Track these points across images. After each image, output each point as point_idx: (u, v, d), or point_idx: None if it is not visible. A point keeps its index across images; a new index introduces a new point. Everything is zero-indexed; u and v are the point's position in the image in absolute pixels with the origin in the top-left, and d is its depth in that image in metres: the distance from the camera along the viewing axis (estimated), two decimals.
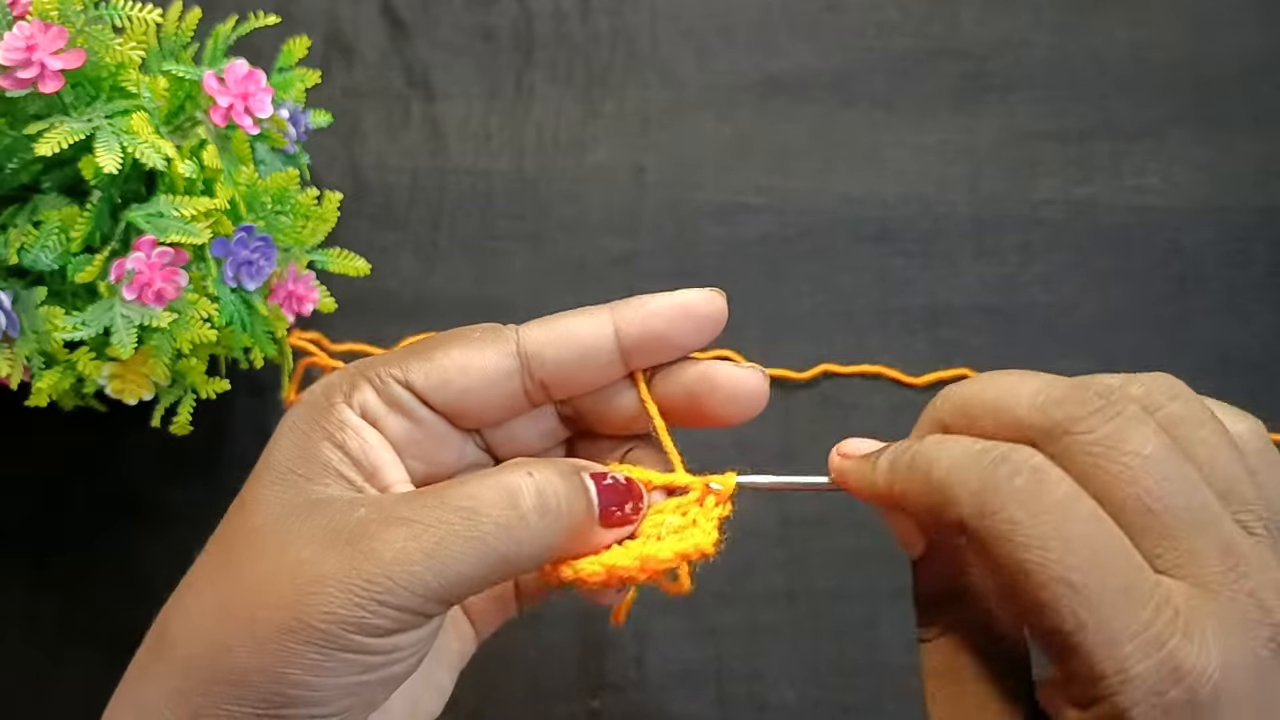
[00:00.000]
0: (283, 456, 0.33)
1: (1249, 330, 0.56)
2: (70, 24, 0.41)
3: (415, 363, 0.35)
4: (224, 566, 0.33)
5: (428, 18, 0.61)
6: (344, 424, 0.34)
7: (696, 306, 0.35)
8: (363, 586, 0.30)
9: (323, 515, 0.32)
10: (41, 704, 0.52)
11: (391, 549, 0.30)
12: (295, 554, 0.31)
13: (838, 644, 0.52)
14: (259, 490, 0.33)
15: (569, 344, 0.35)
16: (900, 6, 0.61)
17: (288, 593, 0.30)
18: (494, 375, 0.35)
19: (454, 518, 0.31)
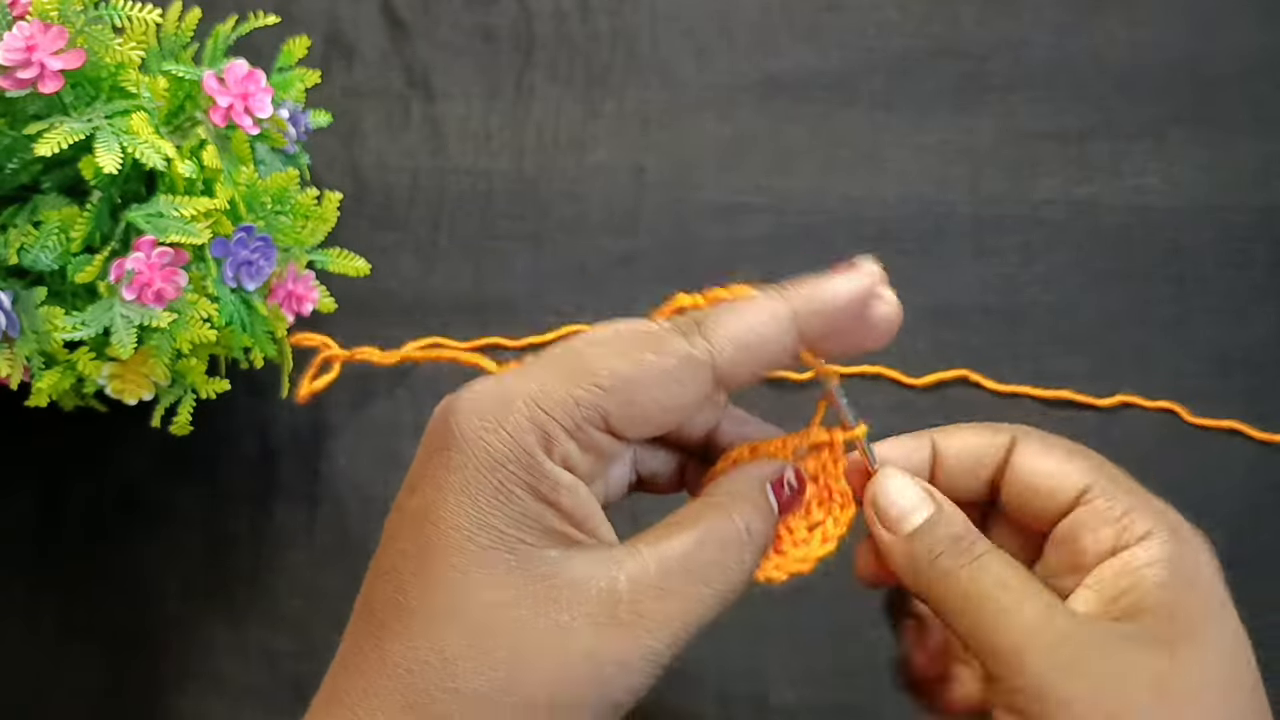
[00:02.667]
0: (500, 523, 0.31)
1: (1249, 330, 0.56)
2: (70, 24, 0.41)
3: (615, 405, 0.32)
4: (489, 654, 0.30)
5: (428, 18, 0.61)
6: (556, 484, 0.31)
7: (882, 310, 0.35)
8: (651, 662, 0.31)
9: (584, 592, 0.31)
10: (41, 704, 0.52)
11: (673, 623, 0.31)
12: (579, 640, 0.30)
13: (838, 644, 0.52)
14: (485, 561, 0.31)
15: (761, 359, 0.34)
16: (900, 6, 0.61)
17: (588, 679, 0.30)
18: (692, 409, 0.33)
19: (703, 587, 0.32)
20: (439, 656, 0.30)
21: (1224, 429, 0.55)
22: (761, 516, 0.34)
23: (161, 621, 0.53)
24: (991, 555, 0.34)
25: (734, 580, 0.33)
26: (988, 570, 0.33)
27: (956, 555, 0.34)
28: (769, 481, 0.35)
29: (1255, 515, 0.54)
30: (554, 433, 0.31)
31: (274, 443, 0.55)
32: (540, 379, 0.32)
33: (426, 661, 0.30)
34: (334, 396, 0.56)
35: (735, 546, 0.33)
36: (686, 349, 0.32)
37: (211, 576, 0.53)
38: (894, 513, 0.35)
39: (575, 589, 0.31)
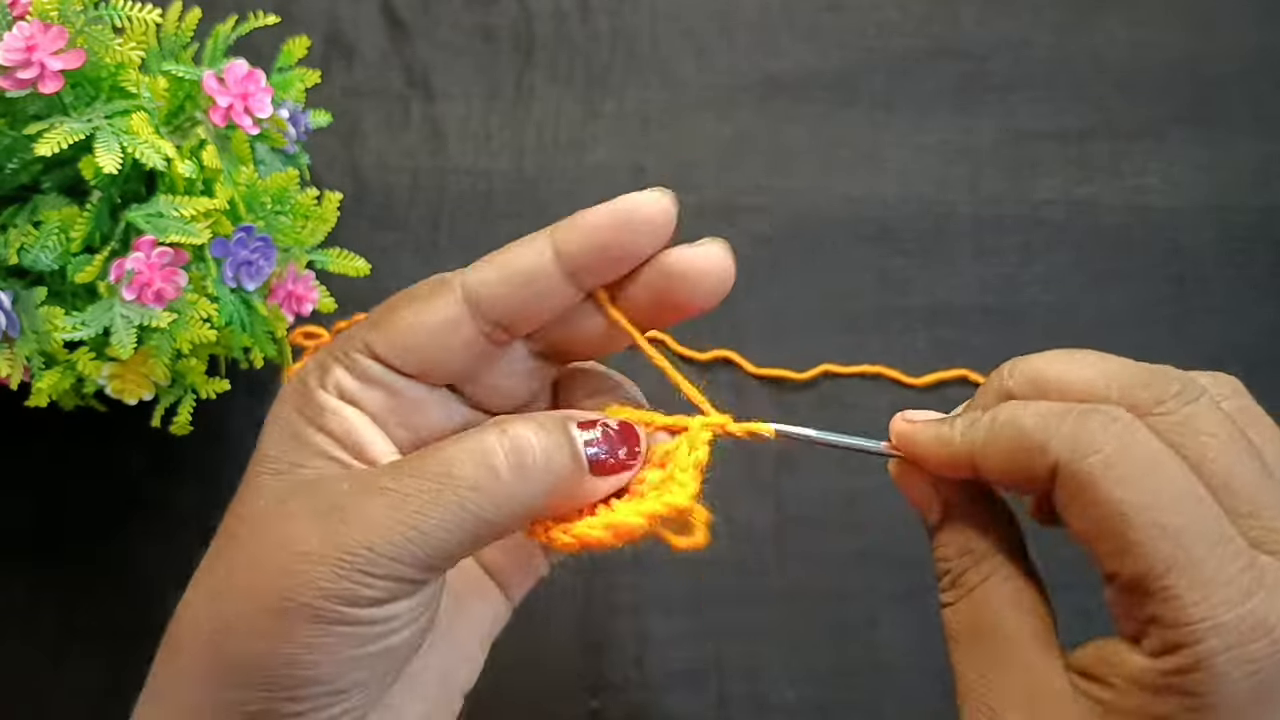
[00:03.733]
0: (270, 446, 0.34)
1: (1249, 330, 0.56)
2: (70, 24, 0.41)
3: (374, 333, 0.34)
4: (219, 557, 0.34)
5: (428, 18, 0.61)
6: (323, 407, 0.34)
7: (639, 209, 0.33)
8: (345, 558, 0.30)
9: (311, 494, 0.32)
10: (41, 704, 0.52)
11: (370, 519, 0.30)
12: (284, 532, 0.31)
13: (838, 644, 0.52)
14: (251, 480, 0.34)
15: (511, 277, 0.33)
16: (900, 6, 0.61)
17: (277, 572, 0.31)
18: (446, 325, 0.34)
19: (429, 483, 0.31)
20: (220, 556, 0.34)
21: None
22: (541, 433, 0.32)
23: (161, 621, 0.53)
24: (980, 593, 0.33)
25: (478, 492, 0.31)
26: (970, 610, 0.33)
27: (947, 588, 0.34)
28: (576, 421, 0.33)
29: None
30: (327, 364, 0.34)
31: None
32: (346, 333, 0.35)
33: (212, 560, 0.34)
34: None
35: (480, 452, 0.31)
36: (443, 274, 0.34)
37: None
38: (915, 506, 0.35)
39: (304, 492, 0.32)
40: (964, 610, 0.33)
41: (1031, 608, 0.33)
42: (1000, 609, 0.32)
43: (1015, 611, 0.32)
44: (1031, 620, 0.32)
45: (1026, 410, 0.31)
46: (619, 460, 0.33)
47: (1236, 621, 0.28)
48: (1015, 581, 0.33)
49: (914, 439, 0.34)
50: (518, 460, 0.31)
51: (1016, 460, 0.31)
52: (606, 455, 0.33)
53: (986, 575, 0.33)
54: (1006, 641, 0.32)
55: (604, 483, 0.33)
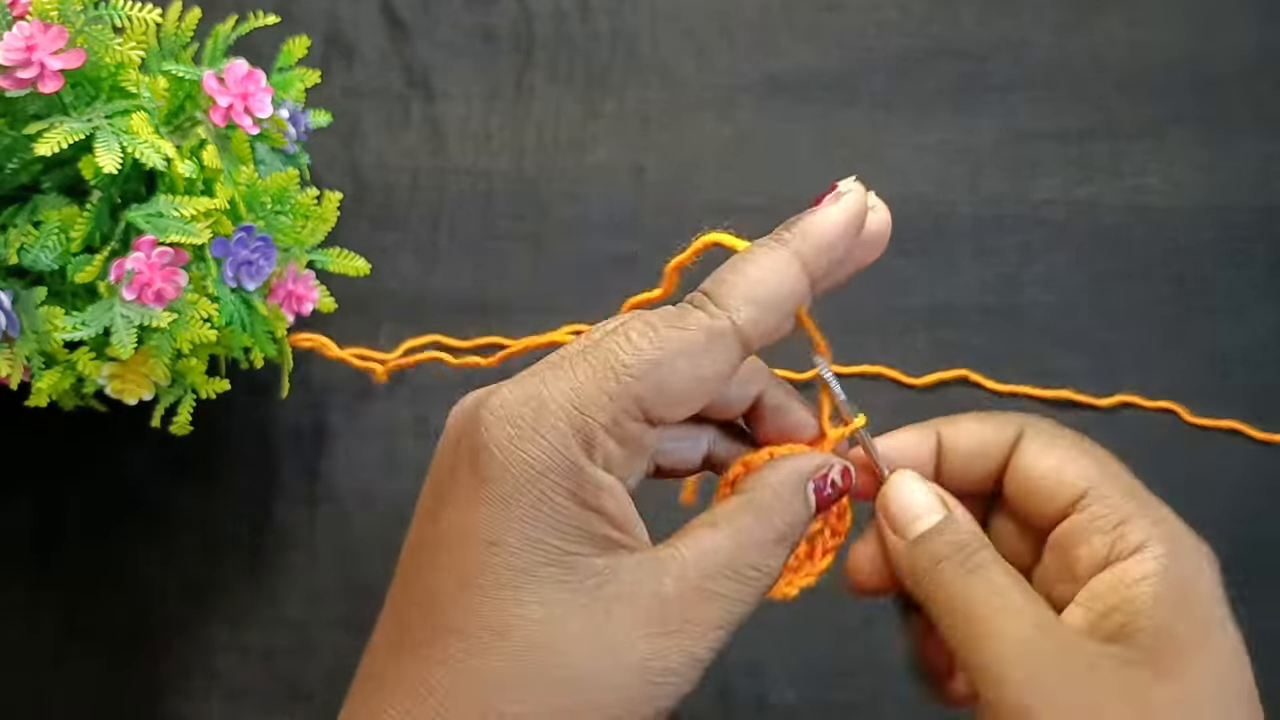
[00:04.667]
0: (546, 535, 0.30)
1: (1249, 330, 0.56)
2: (70, 24, 0.41)
3: (645, 390, 0.30)
4: (545, 671, 0.30)
5: (428, 18, 0.61)
6: (599, 487, 0.30)
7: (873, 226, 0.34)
8: (696, 667, 0.31)
9: (632, 600, 0.30)
10: (41, 704, 0.52)
11: (714, 627, 0.31)
12: (634, 650, 0.30)
13: (838, 644, 0.52)
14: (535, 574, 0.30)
15: (778, 310, 0.32)
16: (900, 6, 0.61)
17: (642, 688, 0.30)
18: (724, 380, 0.32)
19: (747, 589, 0.32)
20: (490, 680, 0.29)
21: (1224, 429, 0.55)
22: (800, 516, 0.34)
23: (161, 621, 0.53)
24: (990, 566, 0.33)
25: (769, 581, 0.32)
26: (983, 581, 0.33)
27: (956, 564, 0.34)
28: (811, 479, 0.34)
29: (1255, 516, 0.54)
30: (594, 433, 0.30)
31: (274, 443, 0.55)
32: (570, 378, 0.30)
33: (477, 685, 0.29)
34: (333, 397, 0.56)
35: (772, 548, 0.32)
36: (706, 320, 0.31)
37: (211, 576, 0.53)
38: (903, 517, 0.35)
39: (624, 599, 0.30)
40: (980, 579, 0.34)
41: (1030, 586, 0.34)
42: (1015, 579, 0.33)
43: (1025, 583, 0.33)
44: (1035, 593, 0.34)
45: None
46: (832, 502, 0.35)
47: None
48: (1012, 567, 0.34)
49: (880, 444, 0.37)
50: (788, 539, 0.33)
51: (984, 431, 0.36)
52: (824, 503, 0.35)
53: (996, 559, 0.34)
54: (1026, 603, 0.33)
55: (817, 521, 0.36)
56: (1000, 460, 0.36)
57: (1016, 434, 0.35)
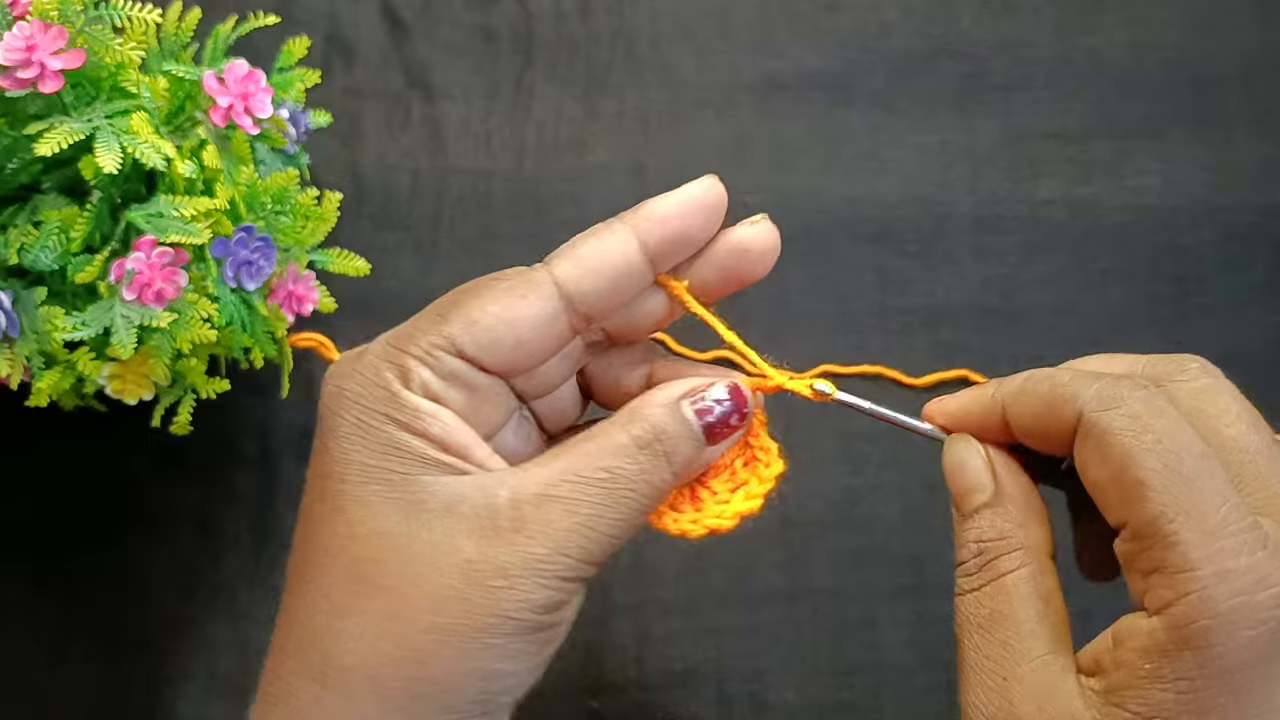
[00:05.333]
0: (362, 455, 0.32)
1: (1249, 330, 0.56)
2: (70, 24, 0.41)
3: (458, 328, 0.33)
4: (367, 583, 0.31)
5: (428, 18, 0.61)
6: (417, 410, 0.32)
7: (706, 198, 0.35)
8: (545, 567, 0.31)
9: (459, 509, 0.31)
10: (41, 704, 0.52)
11: (557, 527, 0.31)
12: (458, 555, 0.31)
13: (838, 644, 0.52)
14: (356, 495, 0.32)
15: (605, 271, 0.34)
16: (900, 6, 0.61)
17: (472, 592, 0.30)
18: (543, 321, 0.34)
19: (596, 489, 0.32)
20: (324, 599, 0.31)
21: None
22: (669, 429, 0.33)
23: (161, 621, 0.53)
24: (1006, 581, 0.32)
25: (632, 488, 0.32)
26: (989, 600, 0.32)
27: (971, 571, 0.33)
28: (685, 398, 0.34)
29: None
30: (407, 364, 0.32)
31: (274, 443, 0.55)
32: (394, 329, 0.34)
33: (315, 606, 0.31)
34: None
35: (628, 451, 0.33)
36: (526, 271, 0.34)
37: (211, 576, 0.53)
38: (957, 488, 0.35)
39: (448, 508, 0.31)
40: (987, 596, 0.33)
41: (1056, 609, 0.33)
42: (1026, 600, 0.32)
43: (1040, 606, 0.32)
44: (1054, 620, 0.32)
45: (1062, 370, 0.33)
46: (730, 426, 0.35)
47: (1240, 571, 0.28)
48: (1044, 579, 0.33)
49: (945, 407, 0.36)
50: (656, 449, 0.33)
51: (1044, 411, 0.33)
52: (718, 423, 0.34)
53: (1021, 564, 0.33)
54: (1026, 634, 0.32)
55: (718, 448, 0.35)
56: (1067, 444, 0.33)
57: (1072, 422, 0.32)
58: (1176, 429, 0.30)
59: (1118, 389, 0.31)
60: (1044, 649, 0.31)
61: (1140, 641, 0.29)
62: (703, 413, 0.34)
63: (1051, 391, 0.33)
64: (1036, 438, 0.34)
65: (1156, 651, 0.29)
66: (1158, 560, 0.29)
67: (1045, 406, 0.33)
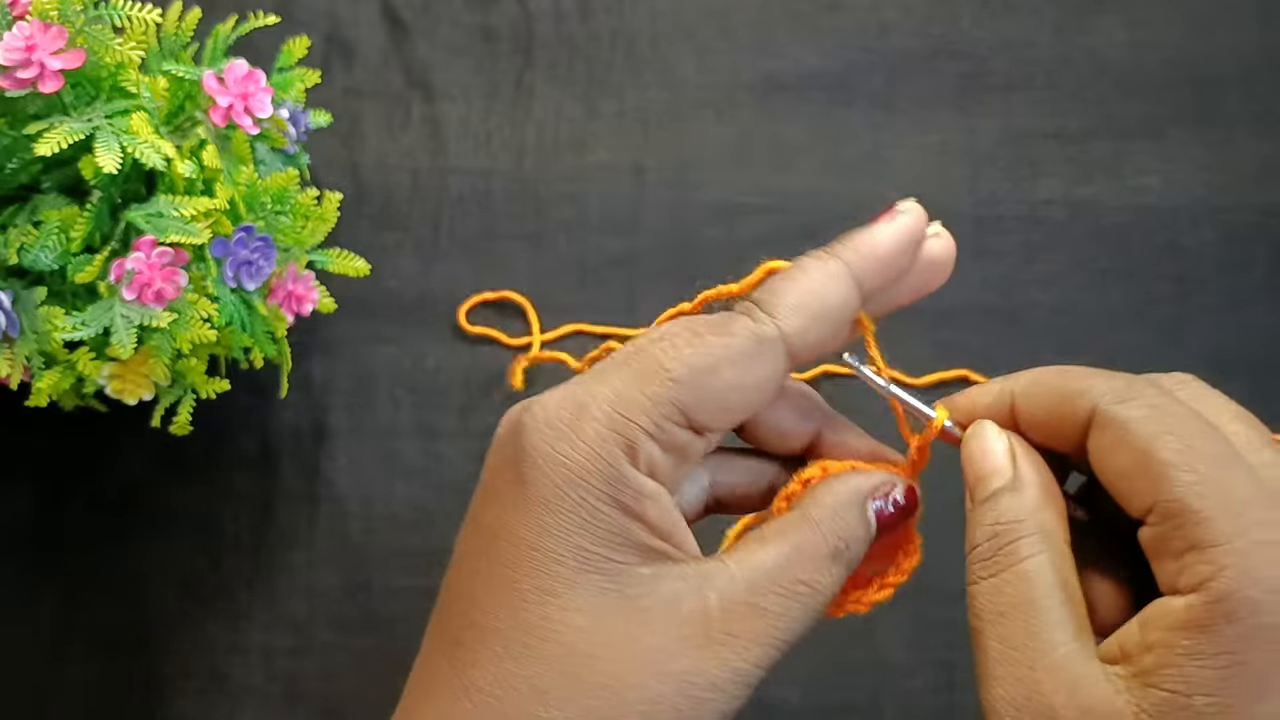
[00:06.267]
0: (584, 541, 0.29)
1: (1249, 330, 0.56)
2: (70, 24, 0.41)
3: (691, 396, 0.30)
4: (584, 678, 0.29)
5: (428, 18, 0.61)
6: (640, 493, 0.30)
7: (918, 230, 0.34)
8: (747, 681, 0.31)
9: (674, 611, 0.30)
10: (41, 704, 0.52)
11: (760, 643, 0.31)
12: (674, 662, 0.30)
13: (838, 644, 0.52)
14: (574, 582, 0.30)
15: (829, 322, 0.32)
16: (900, 6, 0.61)
17: (683, 704, 0.30)
18: (770, 390, 0.32)
19: (798, 606, 0.31)
20: (528, 684, 0.29)
21: None
22: (857, 535, 0.33)
23: (161, 621, 0.53)
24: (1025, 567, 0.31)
25: (823, 600, 0.32)
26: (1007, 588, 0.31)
27: (986, 557, 0.32)
28: (870, 497, 0.33)
29: None
30: (636, 437, 0.30)
31: (274, 443, 0.55)
32: (612, 382, 0.30)
33: (514, 688, 0.29)
34: (333, 397, 0.56)
35: (825, 564, 0.32)
36: (753, 326, 0.31)
37: (211, 576, 0.53)
38: (973, 474, 0.34)
39: (667, 609, 0.30)
40: (1007, 583, 0.32)
41: (1076, 596, 0.32)
42: (1048, 586, 0.31)
43: (1063, 594, 0.31)
44: (1073, 606, 0.32)
45: (1070, 367, 0.33)
46: (895, 523, 0.34)
47: (1271, 546, 0.28)
48: (1064, 565, 0.32)
49: (955, 403, 0.35)
50: (844, 557, 0.32)
51: (1057, 404, 0.32)
52: (887, 522, 0.34)
53: (1038, 551, 0.32)
54: (1051, 622, 0.31)
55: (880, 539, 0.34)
56: (1078, 439, 0.32)
57: (1087, 414, 0.31)
58: (1191, 417, 0.30)
59: (1131, 384, 0.31)
60: (1069, 636, 0.31)
61: (1176, 619, 0.29)
62: (881, 514, 0.33)
63: (1065, 386, 0.32)
64: (1046, 432, 0.33)
65: (1195, 628, 0.28)
66: (1190, 538, 0.29)
67: (1059, 399, 0.32)
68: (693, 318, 0.32)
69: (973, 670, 0.34)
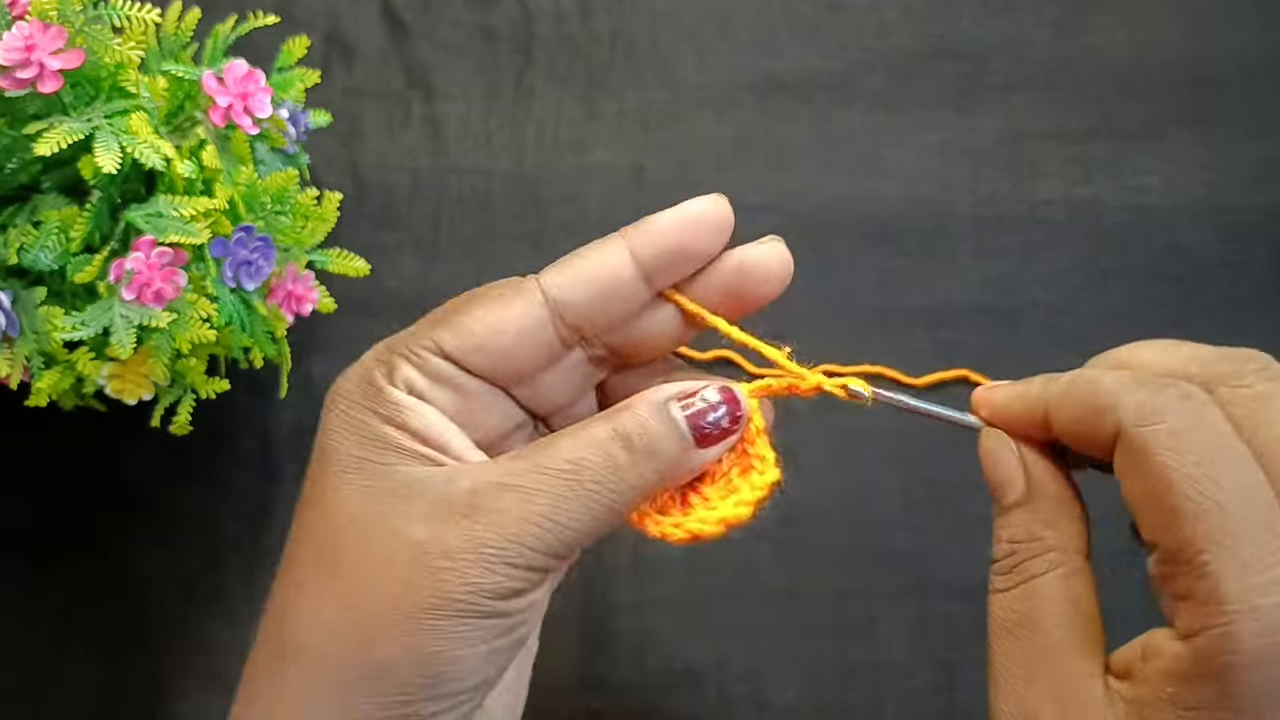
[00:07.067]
0: (346, 446, 0.33)
1: (1249, 330, 0.56)
2: (69, 24, 0.41)
3: (445, 331, 0.34)
4: (328, 564, 0.33)
5: (428, 18, 0.61)
6: (398, 404, 0.33)
7: (705, 215, 0.36)
8: (493, 553, 0.31)
9: (421, 494, 0.32)
10: (41, 704, 0.52)
11: (510, 515, 0.31)
12: (409, 536, 0.31)
13: (838, 644, 0.52)
14: (334, 483, 0.33)
15: (594, 282, 0.35)
16: (900, 6, 0.61)
17: (418, 574, 0.31)
18: (527, 328, 0.34)
19: (558, 480, 0.32)
20: (294, 582, 0.33)
21: None
22: (655, 431, 0.33)
23: (161, 621, 0.53)
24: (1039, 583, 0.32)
25: (602, 485, 0.32)
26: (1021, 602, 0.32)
27: (1003, 572, 0.33)
28: (674, 399, 0.34)
29: None
30: (394, 362, 0.34)
31: (274, 443, 0.55)
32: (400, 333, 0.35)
33: (286, 589, 0.33)
34: None
35: (603, 446, 0.33)
36: (516, 280, 0.35)
37: (211, 576, 0.53)
38: (992, 480, 0.35)
39: (413, 494, 0.32)
40: (1017, 598, 0.33)
41: (1087, 610, 0.32)
42: (1056, 605, 0.32)
43: (1071, 610, 0.32)
44: (1083, 623, 0.32)
45: (1107, 374, 0.33)
46: (723, 429, 0.35)
47: (1271, 609, 0.27)
48: (1077, 580, 0.32)
49: (992, 397, 0.36)
50: (634, 446, 0.33)
51: (1084, 418, 0.32)
52: (709, 426, 0.34)
53: (1051, 567, 0.33)
54: (1054, 640, 0.32)
55: (710, 452, 0.35)
56: (1105, 449, 0.32)
57: (1112, 434, 0.31)
58: (1220, 449, 0.29)
59: (1161, 400, 0.30)
60: (1070, 653, 0.31)
61: (1165, 663, 0.29)
62: (694, 416, 0.34)
63: (1093, 398, 0.32)
64: (1078, 441, 0.33)
65: (1180, 676, 0.29)
66: (1187, 588, 0.29)
67: (1086, 412, 0.32)
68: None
69: (973, 670, 0.34)
